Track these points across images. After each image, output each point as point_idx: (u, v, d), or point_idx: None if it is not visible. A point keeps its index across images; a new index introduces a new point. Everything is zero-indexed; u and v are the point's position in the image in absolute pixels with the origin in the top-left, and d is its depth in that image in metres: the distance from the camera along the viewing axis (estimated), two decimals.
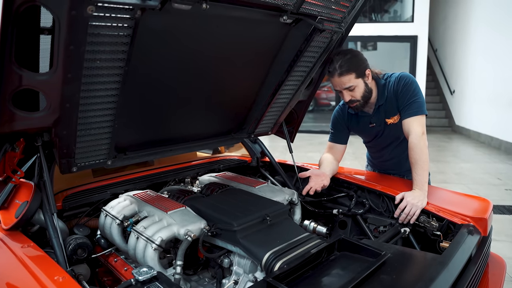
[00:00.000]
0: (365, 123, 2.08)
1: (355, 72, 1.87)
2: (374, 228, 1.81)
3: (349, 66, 1.85)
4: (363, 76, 1.90)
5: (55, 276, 1.03)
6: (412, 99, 1.90)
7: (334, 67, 1.87)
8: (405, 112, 1.91)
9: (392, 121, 1.99)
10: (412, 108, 1.89)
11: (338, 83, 1.90)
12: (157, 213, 1.47)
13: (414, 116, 1.88)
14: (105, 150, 1.42)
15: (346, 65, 1.85)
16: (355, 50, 1.97)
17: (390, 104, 1.97)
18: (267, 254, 1.25)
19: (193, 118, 1.75)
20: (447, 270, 1.23)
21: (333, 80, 1.91)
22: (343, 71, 1.85)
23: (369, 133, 2.12)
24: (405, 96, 1.91)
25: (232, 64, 1.61)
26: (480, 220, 1.59)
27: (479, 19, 8.77)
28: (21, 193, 1.46)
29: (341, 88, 1.90)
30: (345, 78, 1.86)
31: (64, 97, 1.11)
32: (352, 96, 1.91)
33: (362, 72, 1.89)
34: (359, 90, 1.90)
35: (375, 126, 2.05)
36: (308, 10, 1.49)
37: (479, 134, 8.60)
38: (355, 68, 1.87)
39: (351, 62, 1.86)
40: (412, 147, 1.82)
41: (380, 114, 2.01)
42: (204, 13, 1.22)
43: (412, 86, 1.92)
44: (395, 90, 1.94)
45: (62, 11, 0.92)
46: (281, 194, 1.79)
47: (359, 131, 2.16)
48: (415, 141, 1.82)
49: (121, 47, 1.11)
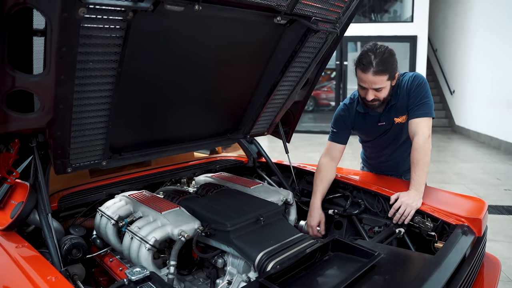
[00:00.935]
0: (373, 122, 2.02)
1: (389, 74, 1.78)
2: (369, 229, 1.82)
3: (386, 67, 1.76)
4: (392, 79, 1.83)
5: (48, 276, 1.04)
6: (424, 100, 1.87)
7: (370, 62, 1.74)
8: (414, 112, 1.88)
9: (400, 120, 1.97)
10: (422, 109, 1.86)
11: (369, 80, 1.78)
12: (151, 213, 1.48)
13: (423, 117, 1.85)
14: (100, 151, 1.43)
15: (383, 65, 1.75)
16: (391, 49, 1.82)
17: (402, 103, 1.93)
18: (260, 254, 1.26)
19: (188, 119, 1.76)
20: (440, 271, 1.23)
21: (364, 76, 1.78)
22: (379, 70, 1.75)
23: (375, 131, 2.07)
24: (417, 96, 1.88)
25: (227, 65, 1.62)
26: (475, 221, 1.59)
27: (479, 19, 8.77)
28: (17, 193, 1.47)
29: (370, 86, 1.80)
30: (379, 78, 1.76)
31: (58, 98, 1.12)
32: (376, 96, 1.83)
33: (393, 75, 1.82)
34: (385, 92, 1.83)
35: (384, 125, 2.01)
36: (302, 11, 1.50)
37: (479, 134, 8.59)
38: (391, 70, 1.78)
39: (388, 62, 1.77)
40: (416, 147, 1.81)
41: (390, 113, 1.97)
42: (198, 14, 1.22)
43: (425, 88, 1.90)
44: (408, 89, 1.90)
45: (53, 13, 0.92)
46: (276, 195, 1.79)
47: (364, 129, 2.10)
48: (420, 142, 1.80)
49: (113, 49, 1.12)
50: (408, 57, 9.44)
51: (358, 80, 1.86)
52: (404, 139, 2.01)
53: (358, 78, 1.85)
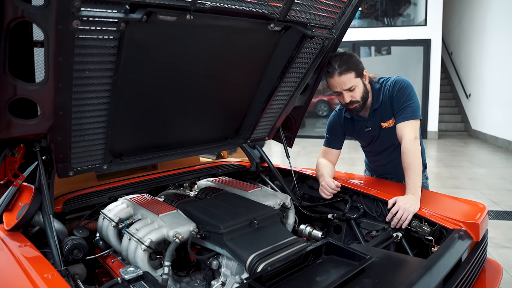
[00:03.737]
0: (361, 127, 2.09)
1: (355, 71, 1.86)
2: (367, 233, 1.82)
3: (348, 65, 1.85)
4: (361, 76, 1.91)
5: (45, 274, 1.09)
6: (407, 103, 1.90)
7: (333, 67, 1.85)
8: (399, 116, 1.91)
9: (387, 125, 2.00)
10: (406, 113, 1.89)
11: (338, 83, 1.87)
12: (149, 215, 1.53)
13: (408, 120, 1.88)
14: (100, 155, 1.49)
15: (345, 64, 1.84)
16: (350, 52, 1.97)
17: (385, 108, 1.97)
18: (251, 256, 1.28)
19: (188, 124, 1.80)
20: (430, 274, 1.23)
21: (332, 81, 1.88)
22: (343, 70, 1.84)
23: (365, 137, 2.13)
24: (400, 100, 1.92)
25: (224, 71, 1.65)
26: (472, 225, 1.58)
27: (495, 21, 8.60)
28: (23, 196, 1.54)
29: (342, 88, 1.88)
30: (346, 77, 1.85)
31: (57, 105, 1.18)
32: (352, 96, 1.90)
33: (360, 72, 1.90)
34: (358, 90, 1.90)
35: (371, 130, 2.06)
36: (296, 18, 1.52)
37: (496, 138, 8.40)
38: (354, 67, 1.86)
39: (349, 61, 1.86)
40: (404, 151, 1.83)
41: (375, 118, 2.02)
42: (191, 24, 1.27)
43: (407, 90, 1.92)
44: (390, 94, 1.95)
45: (49, 26, 0.98)
46: (273, 198, 1.82)
47: (355, 135, 2.17)
48: (407, 145, 1.83)
49: (109, 58, 1.17)
50: (421, 61, 9.34)
51: (330, 87, 1.94)
52: (399, 143, 2.02)
53: (330, 86, 1.94)
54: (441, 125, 9.92)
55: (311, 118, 11.47)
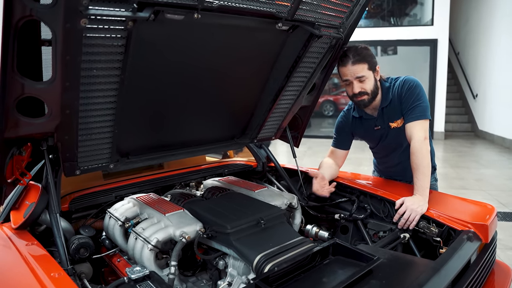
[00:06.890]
0: (369, 126, 2.07)
1: (368, 64, 1.86)
2: (374, 233, 1.81)
3: (363, 56, 1.86)
4: (374, 70, 1.90)
5: (51, 272, 1.09)
6: (416, 103, 1.89)
7: (347, 56, 1.86)
8: (408, 116, 1.89)
9: (396, 125, 1.98)
10: (415, 112, 1.87)
11: (350, 71, 1.86)
12: (156, 215, 1.52)
13: (417, 120, 1.86)
14: (107, 154, 1.49)
15: (359, 55, 1.85)
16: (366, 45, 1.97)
17: (394, 108, 1.96)
18: (258, 256, 1.27)
19: (195, 124, 1.80)
20: (438, 276, 1.22)
21: (345, 69, 1.88)
22: (356, 60, 1.84)
23: (374, 136, 2.11)
24: (409, 100, 1.90)
25: (231, 70, 1.65)
26: (481, 227, 1.56)
27: (502, 21, 8.52)
28: (31, 194, 1.54)
29: (353, 77, 1.87)
30: (359, 66, 1.85)
31: (64, 104, 1.18)
32: (362, 88, 1.89)
33: (373, 66, 1.90)
34: (369, 83, 1.89)
35: (380, 129, 2.04)
36: (304, 17, 1.52)
37: (504, 139, 8.32)
38: (369, 59, 1.87)
39: (364, 53, 1.87)
40: (413, 152, 1.81)
41: (384, 117, 2.00)
42: (199, 22, 1.27)
43: (416, 90, 1.90)
44: (399, 93, 1.94)
45: (57, 24, 0.98)
46: (280, 198, 1.81)
47: (363, 135, 2.15)
48: (417, 146, 1.81)
49: (116, 57, 1.17)
50: (428, 61, 9.28)
51: (341, 76, 1.93)
52: (407, 144, 2.00)
53: (341, 75, 1.93)
54: (447, 126, 9.85)
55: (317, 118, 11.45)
